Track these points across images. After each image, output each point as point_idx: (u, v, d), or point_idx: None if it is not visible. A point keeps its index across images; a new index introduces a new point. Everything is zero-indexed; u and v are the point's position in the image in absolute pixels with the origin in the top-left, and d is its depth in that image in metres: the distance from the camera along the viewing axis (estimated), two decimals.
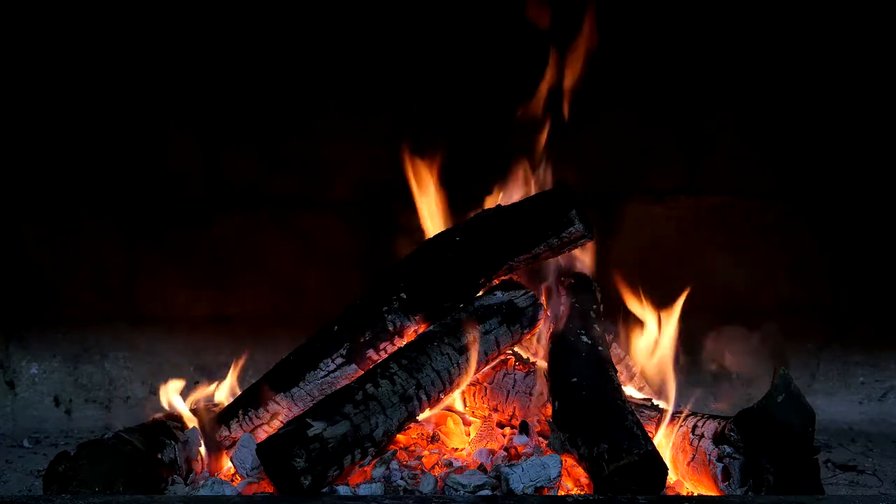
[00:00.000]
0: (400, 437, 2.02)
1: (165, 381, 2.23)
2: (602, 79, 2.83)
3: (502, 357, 2.18)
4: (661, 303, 2.35)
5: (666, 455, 1.93)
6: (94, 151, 2.90)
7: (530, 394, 2.15)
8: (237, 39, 2.86)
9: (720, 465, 1.81)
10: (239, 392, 2.26)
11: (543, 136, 2.40)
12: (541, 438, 2.05)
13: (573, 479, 1.90)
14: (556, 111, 2.43)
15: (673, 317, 2.27)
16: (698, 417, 1.98)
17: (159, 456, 1.94)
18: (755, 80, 2.90)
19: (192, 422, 2.11)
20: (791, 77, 2.90)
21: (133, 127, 2.90)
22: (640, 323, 2.32)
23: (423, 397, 1.95)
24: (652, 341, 2.29)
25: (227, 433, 2.12)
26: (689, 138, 2.95)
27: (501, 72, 2.82)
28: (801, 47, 2.88)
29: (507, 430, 2.15)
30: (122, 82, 2.87)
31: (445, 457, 2.01)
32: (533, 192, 2.32)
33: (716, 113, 2.92)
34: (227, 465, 2.11)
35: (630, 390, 2.25)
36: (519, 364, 2.20)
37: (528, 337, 2.19)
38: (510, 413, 2.18)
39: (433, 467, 1.96)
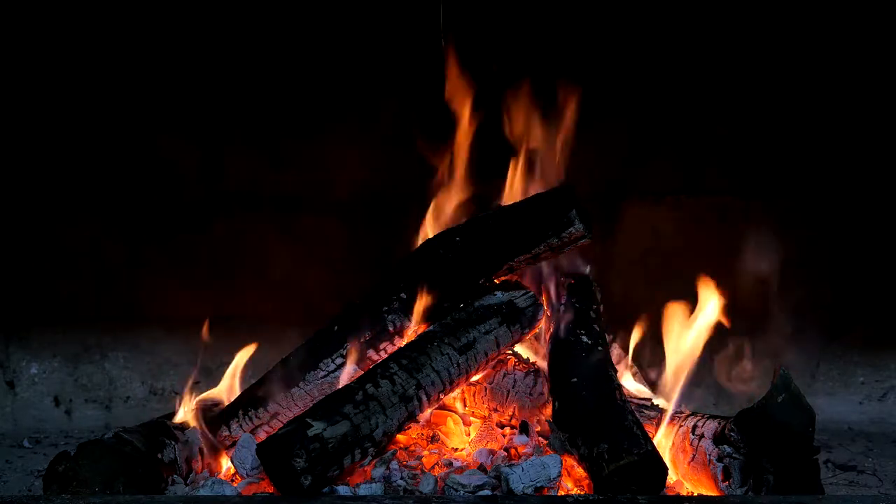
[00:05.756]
0: (400, 437, 2.02)
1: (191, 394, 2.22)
2: (602, 79, 2.84)
3: (502, 357, 2.18)
4: (661, 303, 2.34)
5: (666, 455, 1.93)
6: (94, 152, 2.90)
7: (530, 394, 2.15)
8: (237, 42, 2.86)
9: (720, 465, 1.82)
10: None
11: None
12: (541, 438, 2.06)
13: (573, 479, 1.90)
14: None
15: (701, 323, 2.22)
16: (698, 417, 1.98)
17: (159, 456, 1.94)
18: (755, 80, 2.90)
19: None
20: (791, 77, 2.90)
21: (134, 128, 2.90)
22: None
23: (423, 397, 1.95)
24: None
25: (227, 433, 2.12)
26: (689, 138, 2.94)
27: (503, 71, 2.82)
28: (802, 48, 2.87)
29: (507, 430, 2.16)
30: (123, 84, 2.87)
31: (445, 457, 2.01)
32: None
33: (716, 113, 2.92)
34: (226, 465, 2.11)
35: (630, 387, 2.25)
36: (519, 364, 2.20)
37: (528, 337, 2.19)
38: (510, 413, 2.18)
39: (433, 467, 1.96)
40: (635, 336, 2.34)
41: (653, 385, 2.28)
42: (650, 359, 2.33)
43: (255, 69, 2.88)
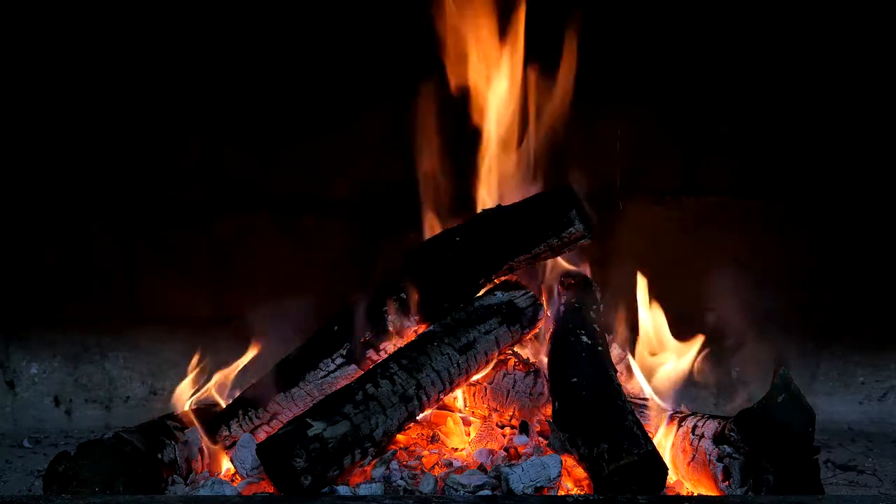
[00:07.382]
0: (400, 437, 2.02)
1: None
2: (602, 78, 2.84)
3: (502, 357, 2.18)
4: (661, 303, 2.35)
5: (666, 455, 1.93)
6: (94, 151, 2.90)
7: (530, 394, 2.15)
8: (238, 40, 2.86)
9: (720, 465, 1.81)
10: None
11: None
12: (541, 438, 2.05)
13: (573, 479, 1.90)
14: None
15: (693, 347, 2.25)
16: (698, 417, 1.98)
17: (159, 456, 1.94)
18: (755, 80, 2.90)
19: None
20: (791, 77, 2.90)
21: (133, 127, 2.90)
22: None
23: (423, 397, 1.95)
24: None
25: (227, 433, 2.12)
26: (689, 138, 2.94)
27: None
28: (801, 49, 2.88)
29: (507, 430, 2.15)
30: (124, 83, 2.87)
31: (445, 457, 2.01)
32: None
33: (716, 113, 2.92)
34: (226, 465, 2.11)
35: (630, 387, 2.25)
36: (519, 364, 2.20)
37: (528, 337, 2.19)
38: (510, 413, 2.18)
39: (433, 467, 1.96)
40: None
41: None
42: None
43: (256, 69, 2.88)
